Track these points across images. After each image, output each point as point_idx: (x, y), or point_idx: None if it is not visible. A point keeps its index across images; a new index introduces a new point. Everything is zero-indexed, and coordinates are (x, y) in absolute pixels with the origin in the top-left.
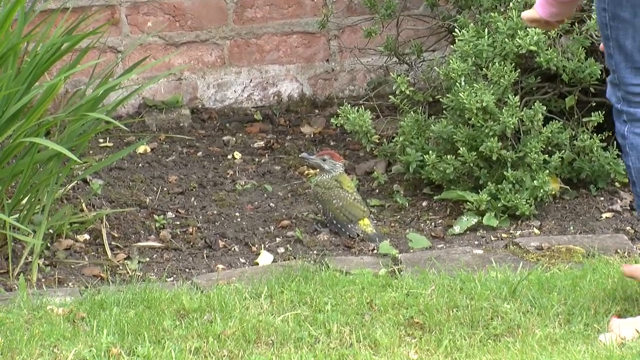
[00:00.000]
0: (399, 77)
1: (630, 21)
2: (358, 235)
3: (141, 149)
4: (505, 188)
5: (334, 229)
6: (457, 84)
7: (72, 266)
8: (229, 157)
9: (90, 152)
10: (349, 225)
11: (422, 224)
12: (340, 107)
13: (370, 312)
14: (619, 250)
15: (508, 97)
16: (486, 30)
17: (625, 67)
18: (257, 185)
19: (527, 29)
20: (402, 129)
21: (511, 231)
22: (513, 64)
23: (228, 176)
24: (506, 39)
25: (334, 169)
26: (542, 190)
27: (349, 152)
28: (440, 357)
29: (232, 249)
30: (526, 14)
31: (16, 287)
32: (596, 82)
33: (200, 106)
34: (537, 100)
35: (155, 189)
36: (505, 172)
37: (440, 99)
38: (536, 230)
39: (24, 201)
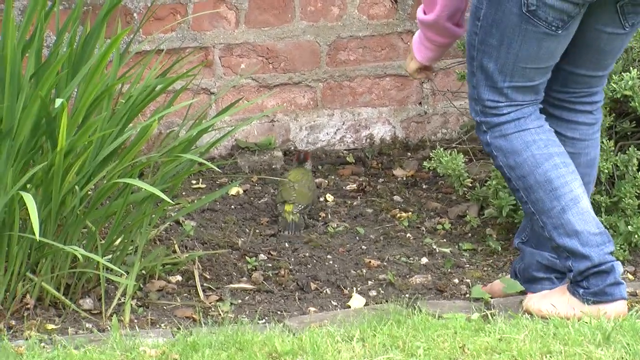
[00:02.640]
0: None
1: (496, 47)
2: (284, 218)
3: (233, 191)
4: None
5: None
6: None
7: (165, 307)
8: (321, 199)
9: (183, 193)
10: (278, 205)
11: None
12: (433, 150)
13: (463, 356)
14: None
15: (602, 142)
16: None
17: (484, 86)
18: (349, 227)
19: (622, 73)
20: (494, 173)
21: None
22: (608, 108)
23: (320, 218)
24: None
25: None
26: (636, 236)
27: (441, 196)
28: None
29: (324, 291)
30: (411, 67)
31: (109, 328)
32: None
33: (292, 148)
34: (632, 145)
35: (248, 230)
36: (599, 217)
37: None
38: (630, 276)
39: (117, 242)
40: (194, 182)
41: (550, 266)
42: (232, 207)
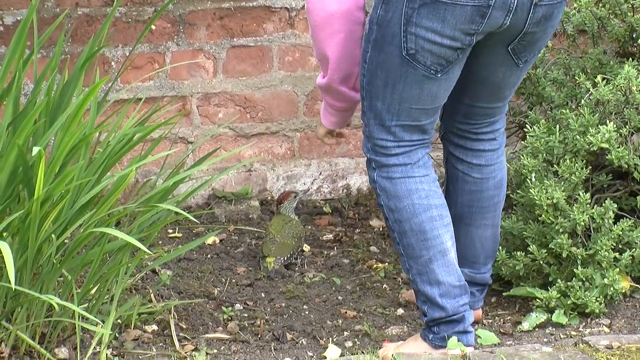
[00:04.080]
0: None
1: (382, 88)
2: (265, 268)
3: (210, 240)
4: (575, 285)
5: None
6: (527, 180)
7: (140, 357)
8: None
9: (160, 242)
10: (260, 260)
11: (491, 320)
12: None
13: None
14: None
15: (579, 194)
16: (557, 126)
17: (374, 124)
18: (325, 278)
19: (599, 126)
20: None
21: (580, 329)
22: (584, 161)
23: (296, 268)
24: (577, 136)
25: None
26: (612, 289)
27: None
28: None
29: (300, 342)
30: (319, 132)
31: None
32: None
33: (269, 198)
34: (608, 198)
35: (224, 280)
36: (575, 270)
37: (511, 195)
38: (606, 329)
39: (93, 291)
40: (170, 231)
41: (471, 281)
42: (209, 256)
